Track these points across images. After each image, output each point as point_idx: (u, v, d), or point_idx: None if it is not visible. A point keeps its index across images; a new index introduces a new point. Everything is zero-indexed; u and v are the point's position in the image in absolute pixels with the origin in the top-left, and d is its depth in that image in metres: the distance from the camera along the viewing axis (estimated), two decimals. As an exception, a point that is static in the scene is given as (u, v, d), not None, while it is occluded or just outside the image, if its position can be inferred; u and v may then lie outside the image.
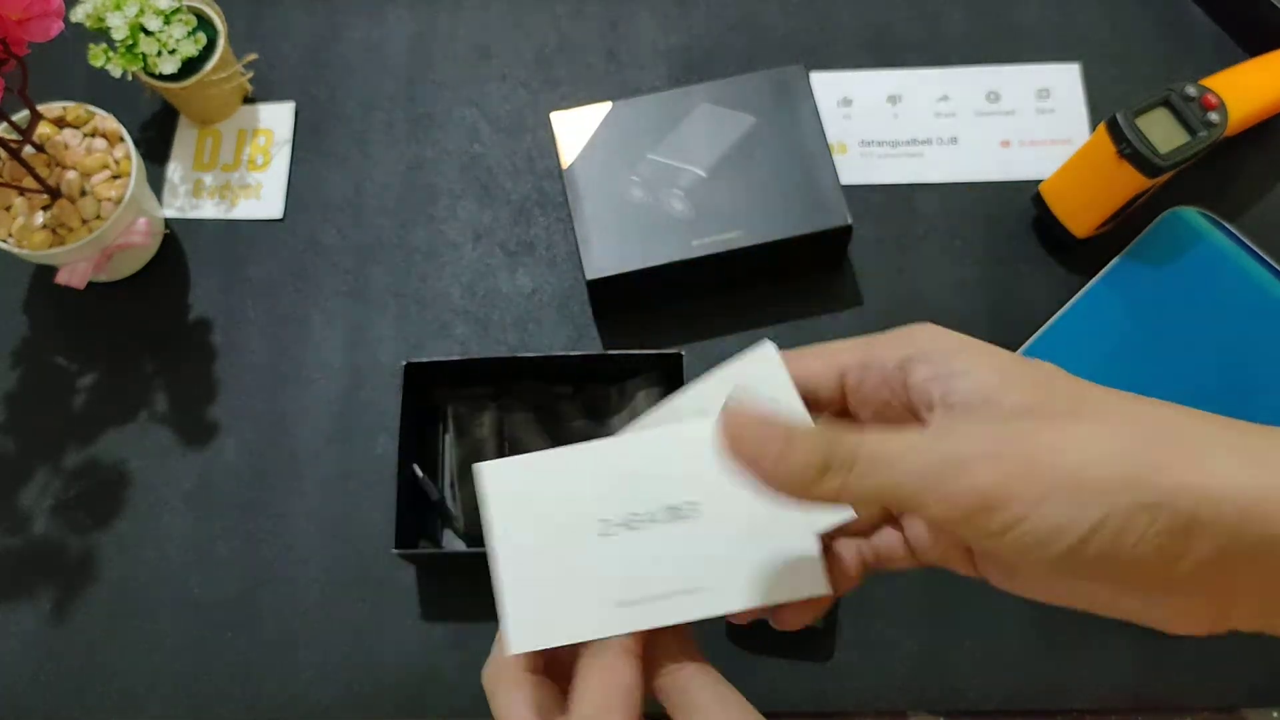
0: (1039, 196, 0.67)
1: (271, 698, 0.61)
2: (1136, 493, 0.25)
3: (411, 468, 0.61)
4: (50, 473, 0.66)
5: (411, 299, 0.70)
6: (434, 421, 0.65)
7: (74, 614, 0.63)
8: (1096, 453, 0.26)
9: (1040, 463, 0.26)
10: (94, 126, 0.66)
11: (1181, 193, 0.67)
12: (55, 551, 0.64)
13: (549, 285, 0.70)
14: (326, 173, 0.73)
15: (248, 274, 0.71)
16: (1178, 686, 0.59)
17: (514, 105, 0.75)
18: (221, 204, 0.73)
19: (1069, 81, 0.73)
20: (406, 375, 0.60)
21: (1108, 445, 0.26)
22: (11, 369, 0.69)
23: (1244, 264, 0.64)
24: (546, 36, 0.77)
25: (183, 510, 0.65)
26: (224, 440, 0.66)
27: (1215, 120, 0.60)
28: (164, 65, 0.66)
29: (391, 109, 0.75)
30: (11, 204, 0.64)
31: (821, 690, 0.59)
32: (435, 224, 0.72)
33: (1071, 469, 0.26)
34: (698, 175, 0.64)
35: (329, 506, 0.65)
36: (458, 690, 0.60)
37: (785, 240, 0.63)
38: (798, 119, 0.66)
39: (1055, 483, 0.26)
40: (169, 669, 0.61)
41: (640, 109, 0.67)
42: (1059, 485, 0.26)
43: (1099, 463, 0.26)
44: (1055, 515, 0.26)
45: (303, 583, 0.63)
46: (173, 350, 0.69)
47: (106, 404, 0.68)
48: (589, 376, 0.63)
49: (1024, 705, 0.59)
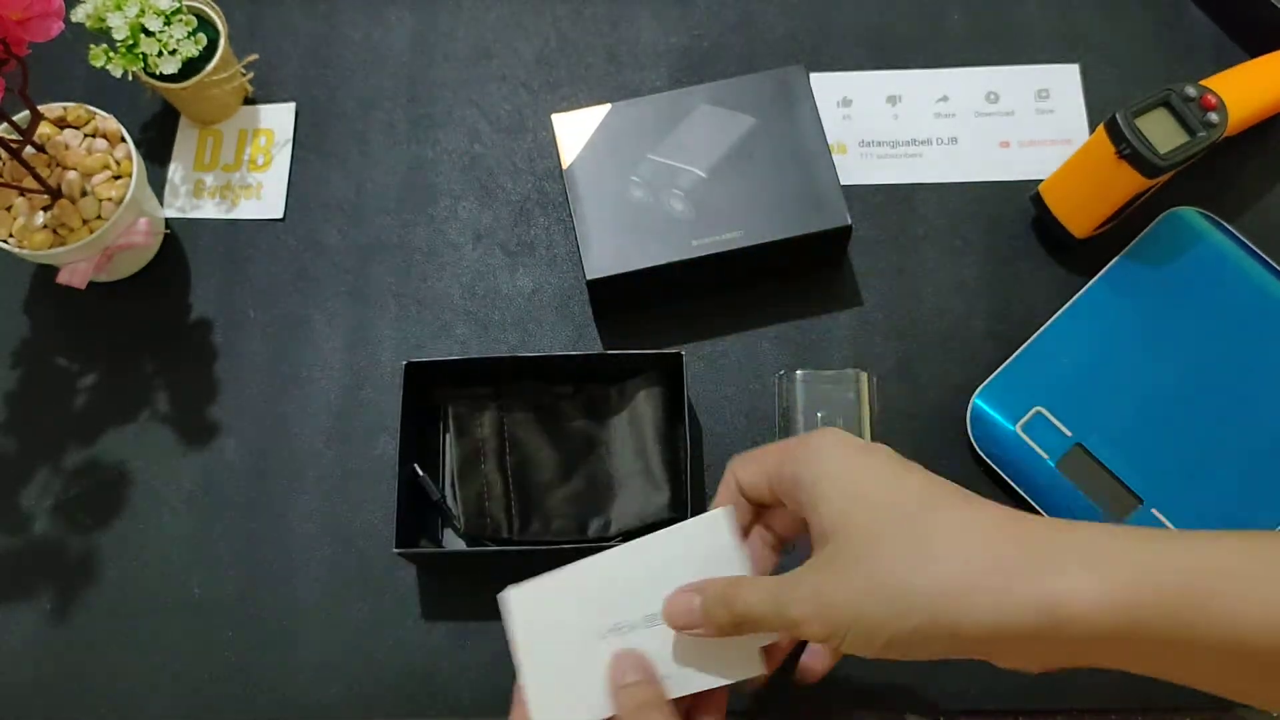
0: (1039, 197, 0.67)
1: (271, 698, 0.61)
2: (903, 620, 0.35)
3: (412, 467, 0.61)
4: (50, 473, 0.66)
5: (412, 299, 0.70)
6: (434, 421, 0.65)
7: (74, 614, 0.63)
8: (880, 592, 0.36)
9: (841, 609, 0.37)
10: (95, 127, 0.66)
11: (1181, 193, 0.67)
12: (55, 551, 0.64)
13: (549, 285, 0.70)
14: (327, 173, 0.74)
15: (248, 274, 0.71)
16: (1178, 686, 0.58)
17: (514, 105, 0.75)
18: (222, 204, 0.73)
19: (1068, 82, 0.73)
20: (407, 375, 0.60)
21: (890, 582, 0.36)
22: (11, 369, 0.69)
23: (1244, 264, 0.64)
24: (546, 37, 0.77)
25: (183, 510, 0.65)
26: (224, 440, 0.66)
27: (1215, 120, 0.60)
28: (164, 66, 0.66)
29: (392, 109, 0.75)
30: (12, 204, 0.64)
31: (821, 690, 0.59)
32: (435, 224, 0.72)
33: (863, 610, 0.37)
34: (698, 175, 0.64)
35: (329, 506, 0.65)
36: (458, 690, 0.60)
37: (785, 240, 0.63)
38: (797, 119, 0.66)
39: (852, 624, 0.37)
40: (169, 669, 0.61)
41: (640, 110, 0.67)
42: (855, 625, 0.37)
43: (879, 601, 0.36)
44: (858, 643, 0.37)
45: (303, 583, 0.63)
46: (173, 350, 0.69)
47: (106, 404, 0.68)
48: (589, 376, 0.63)
49: (1024, 705, 0.59)
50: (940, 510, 0.37)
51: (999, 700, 0.59)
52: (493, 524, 0.61)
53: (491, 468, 0.62)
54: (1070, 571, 0.34)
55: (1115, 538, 0.35)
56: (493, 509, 0.61)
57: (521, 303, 0.69)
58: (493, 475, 0.62)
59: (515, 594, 0.46)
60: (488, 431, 0.62)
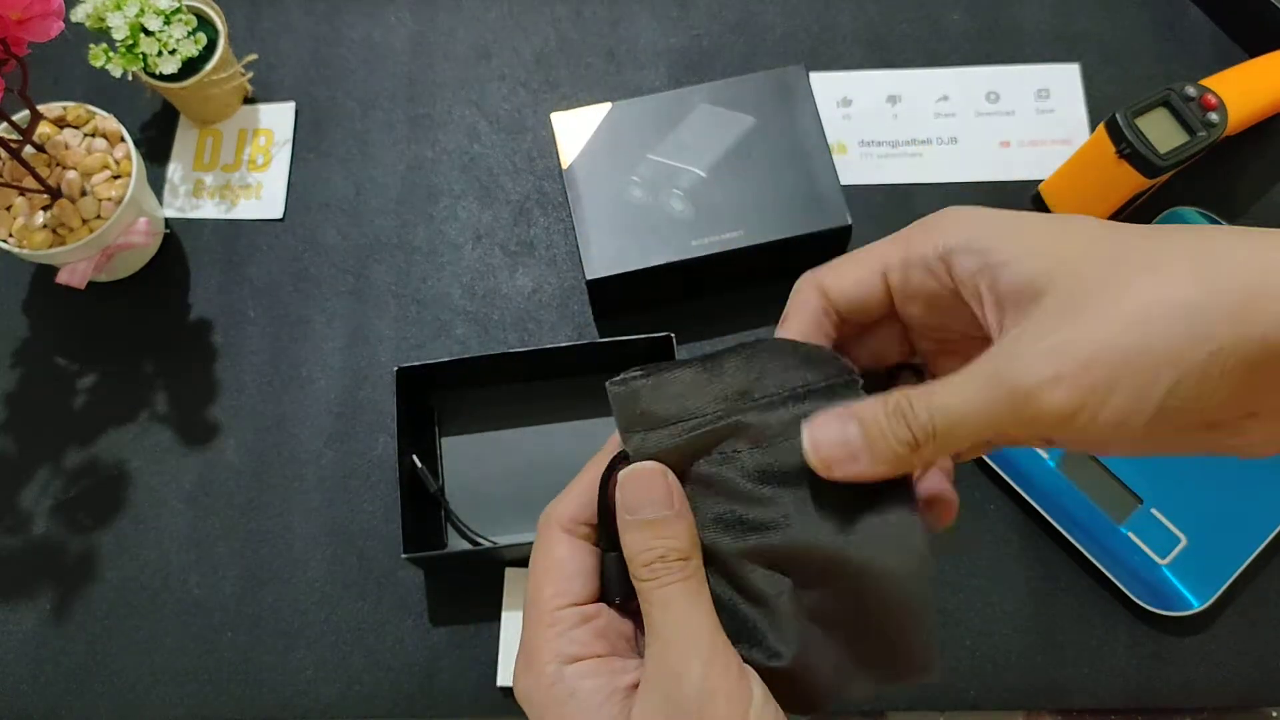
0: (1039, 196, 0.67)
1: (271, 697, 0.61)
2: (1200, 344, 0.26)
3: (410, 459, 0.61)
4: (50, 473, 0.66)
5: (411, 299, 0.70)
6: (433, 420, 0.65)
7: (74, 614, 0.63)
8: (1154, 320, 0.26)
9: (1100, 361, 0.27)
10: (94, 126, 0.66)
11: (1181, 193, 0.67)
12: (55, 551, 0.64)
13: (549, 285, 0.70)
14: (327, 173, 0.74)
15: (248, 274, 0.71)
16: (1178, 686, 0.59)
17: (514, 105, 0.75)
18: (222, 204, 0.73)
19: (1068, 81, 0.73)
20: (399, 380, 0.60)
21: (1163, 305, 0.26)
22: (11, 369, 0.69)
23: (1244, 264, 0.64)
24: (546, 37, 0.77)
25: (183, 510, 0.65)
26: (224, 440, 0.66)
27: (1215, 120, 0.60)
28: (164, 65, 0.66)
29: (391, 109, 0.75)
30: (12, 204, 0.64)
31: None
32: (435, 224, 0.72)
33: (1134, 350, 0.26)
34: (698, 175, 0.64)
35: (329, 506, 0.65)
36: (458, 690, 0.60)
37: (785, 240, 0.63)
38: (797, 119, 0.66)
39: (1120, 374, 0.26)
40: (169, 669, 0.61)
41: (640, 109, 0.67)
42: (1124, 375, 0.26)
43: (1158, 331, 0.26)
44: (1126, 403, 0.26)
45: (303, 583, 0.63)
46: (173, 350, 0.69)
47: (106, 404, 0.68)
48: (583, 369, 0.63)
49: (1024, 705, 0.59)
50: (1134, 239, 0.28)
51: (999, 700, 0.59)
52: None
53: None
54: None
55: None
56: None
57: (521, 303, 0.69)
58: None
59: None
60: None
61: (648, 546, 0.31)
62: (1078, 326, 0.27)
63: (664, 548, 0.31)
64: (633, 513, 0.32)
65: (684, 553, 0.31)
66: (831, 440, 0.30)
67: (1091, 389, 0.27)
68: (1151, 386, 0.26)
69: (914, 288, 0.33)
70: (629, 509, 0.32)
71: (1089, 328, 0.27)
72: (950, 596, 0.60)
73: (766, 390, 0.32)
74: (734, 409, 0.32)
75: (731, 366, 0.33)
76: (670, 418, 0.32)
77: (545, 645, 0.32)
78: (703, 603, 0.31)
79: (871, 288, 0.34)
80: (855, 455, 0.30)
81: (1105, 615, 0.59)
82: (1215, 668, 0.58)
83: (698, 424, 0.32)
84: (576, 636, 0.32)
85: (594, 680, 0.31)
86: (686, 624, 0.30)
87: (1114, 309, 0.27)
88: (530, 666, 0.32)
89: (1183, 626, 0.59)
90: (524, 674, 0.32)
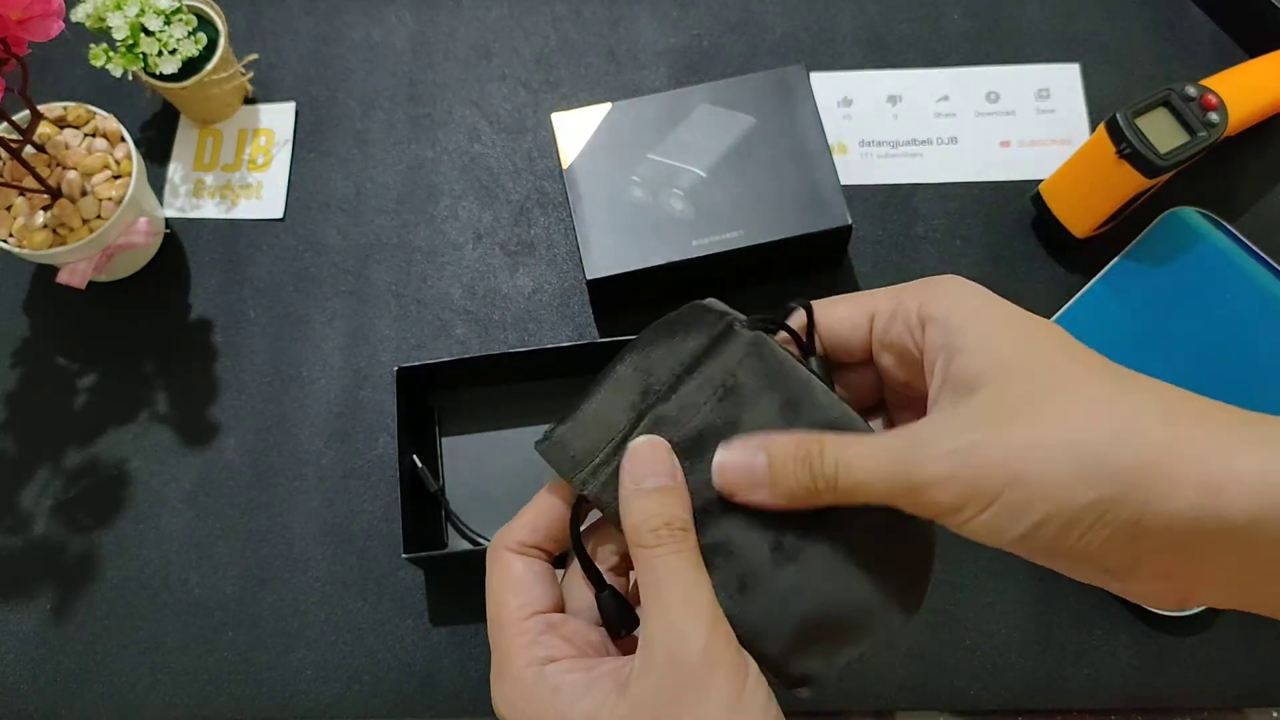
0: (1039, 196, 0.67)
1: (271, 697, 0.61)
2: (1079, 493, 0.28)
3: (410, 459, 0.61)
4: (50, 473, 0.66)
5: (412, 299, 0.70)
6: (433, 420, 0.65)
7: (74, 614, 0.63)
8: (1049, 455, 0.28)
9: (990, 476, 0.29)
10: (95, 126, 0.66)
11: (1181, 193, 0.67)
12: (55, 551, 0.64)
13: (549, 285, 0.70)
14: (327, 173, 0.74)
15: (248, 274, 0.71)
16: (1178, 686, 0.59)
17: (514, 105, 0.75)
18: (222, 204, 0.73)
19: (1069, 82, 0.73)
20: (399, 380, 0.60)
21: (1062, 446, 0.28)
22: (11, 369, 0.69)
23: (1244, 264, 0.64)
24: (546, 36, 0.77)
25: (183, 510, 0.65)
26: (224, 440, 0.66)
27: (1215, 120, 0.60)
28: (164, 65, 0.66)
29: (392, 109, 0.75)
30: (12, 204, 0.64)
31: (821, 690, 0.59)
32: (435, 224, 0.72)
33: (1019, 475, 0.28)
34: (698, 175, 0.64)
35: (329, 506, 0.65)
36: (458, 690, 0.60)
37: (785, 240, 0.63)
38: (798, 119, 0.66)
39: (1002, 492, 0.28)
40: (169, 669, 0.61)
41: (640, 109, 0.67)
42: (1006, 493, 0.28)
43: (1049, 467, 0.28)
44: (998, 520, 0.29)
45: (303, 583, 0.63)
46: (173, 350, 0.69)
47: (106, 404, 0.68)
48: (583, 369, 0.63)
49: (1024, 705, 0.59)
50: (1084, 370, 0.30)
51: (999, 700, 0.59)
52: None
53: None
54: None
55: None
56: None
57: (521, 303, 0.69)
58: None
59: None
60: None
61: (653, 513, 0.32)
62: (988, 436, 0.29)
63: (668, 515, 0.32)
64: (638, 482, 0.33)
65: (685, 524, 0.32)
66: (739, 468, 0.33)
67: (974, 497, 0.29)
68: (1024, 513, 0.28)
69: (891, 339, 0.35)
70: (635, 479, 0.33)
71: (996, 441, 0.29)
72: (950, 596, 0.60)
73: (661, 380, 0.35)
74: (644, 409, 0.34)
75: (626, 372, 0.35)
76: (600, 443, 0.34)
77: (519, 652, 0.33)
78: (704, 575, 0.32)
79: (856, 328, 0.36)
80: (758, 485, 0.32)
81: (1105, 615, 0.59)
82: (1215, 668, 0.58)
83: (622, 437, 0.34)
84: (547, 641, 0.33)
85: (574, 674, 0.32)
86: (691, 591, 0.31)
87: (1024, 432, 0.29)
88: (506, 675, 0.33)
89: (1183, 626, 0.59)
90: (501, 683, 0.33)
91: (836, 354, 0.37)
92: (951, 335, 0.32)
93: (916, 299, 0.34)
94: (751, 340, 0.35)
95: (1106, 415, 0.28)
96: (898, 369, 0.35)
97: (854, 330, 0.36)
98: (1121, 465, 0.27)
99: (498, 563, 0.35)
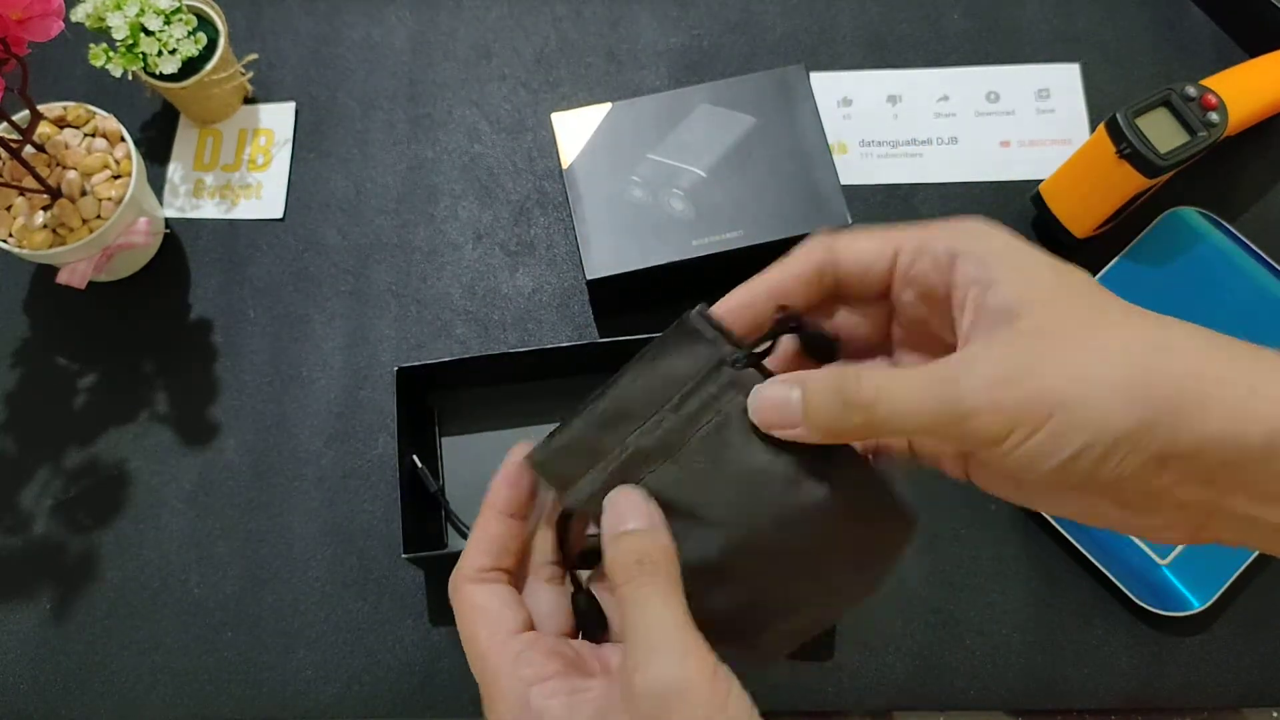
0: (1039, 196, 0.67)
1: (271, 697, 0.61)
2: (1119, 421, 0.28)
3: (410, 458, 0.61)
4: (50, 473, 0.66)
5: (412, 299, 0.70)
6: (433, 420, 0.65)
7: (74, 614, 0.63)
8: (1092, 381, 0.28)
9: (1037, 402, 0.29)
10: (94, 126, 0.66)
11: (1181, 193, 0.67)
12: (55, 551, 0.64)
13: (549, 285, 0.70)
14: (327, 173, 0.74)
15: (248, 274, 0.71)
16: (1178, 686, 0.59)
17: (514, 105, 0.75)
18: (222, 204, 0.73)
19: (1069, 81, 0.73)
20: (399, 380, 0.60)
21: (1104, 372, 0.28)
22: (11, 369, 0.69)
23: (1244, 264, 0.64)
24: (546, 36, 0.77)
25: (183, 510, 0.65)
26: (224, 440, 0.66)
27: (1215, 120, 0.60)
28: (164, 65, 0.66)
29: (392, 109, 0.75)
30: (12, 204, 0.64)
31: (821, 690, 0.59)
32: (435, 224, 0.72)
33: (1064, 400, 0.28)
34: (698, 175, 0.64)
35: (329, 506, 0.65)
36: (458, 690, 0.60)
37: (785, 240, 0.63)
38: (798, 119, 0.66)
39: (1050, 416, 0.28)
40: (169, 669, 0.61)
41: (640, 109, 0.67)
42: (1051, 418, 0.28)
43: (1092, 392, 0.28)
44: (1044, 445, 0.29)
45: (303, 583, 0.63)
46: (173, 350, 0.69)
47: (106, 404, 0.68)
48: (583, 369, 0.63)
49: (1024, 705, 0.59)
50: (1115, 309, 0.31)
51: (999, 700, 0.59)
52: None
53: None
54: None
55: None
56: None
57: (521, 303, 0.69)
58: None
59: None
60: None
61: (627, 550, 0.33)
62: (1032, 362, 0.29)
63: (640, 552, 0.33)
64: (615, 529, 0.34)
65: (658, 559, 0.33)
66: (774, 401, 0.33)
67: (1020, 423, 0.29)
68: (1067, 440, 0.28)
69: (916, 274, 0.34)
70: (612, 527, 0.34)
71: (1040, 368, 0.29)
72: (950, 596, 0.60)
73: (645, 413, 0.35)
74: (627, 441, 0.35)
75: (617, 395, 0.36)
76: (584, 468, 0.35)
77: (504, 673, 0.33)
78: (677, 604, 0.32)
79: (880, 258, 0.35)
80: (793, 418, 0.32)
81: (1105, 615, 0.59)
82: (1215, 668, 0.58)
83: (605, 464, 0.35)
84: (530, 659, 0.34)
85: (558, 699, 0.32)
86: (661, 620, 0.32)
87: (1070, 358, 0.29)
88: (497, 698, 0.33)
89: (1183, 627, 0.59)
90: (494, 705, 0.34)
91: (852, 284, 0.36)
92: (987, 268, 0.32)
93: (945, 236, 0.33)
94: (735, 378, 0.35)
95: (1146, 344, 0.29)
96: (917, 305, 0.35)
97: (876, 261, 0.35)
98: (1160, 392, 0.28)
99: (460, 597, 0.36)
